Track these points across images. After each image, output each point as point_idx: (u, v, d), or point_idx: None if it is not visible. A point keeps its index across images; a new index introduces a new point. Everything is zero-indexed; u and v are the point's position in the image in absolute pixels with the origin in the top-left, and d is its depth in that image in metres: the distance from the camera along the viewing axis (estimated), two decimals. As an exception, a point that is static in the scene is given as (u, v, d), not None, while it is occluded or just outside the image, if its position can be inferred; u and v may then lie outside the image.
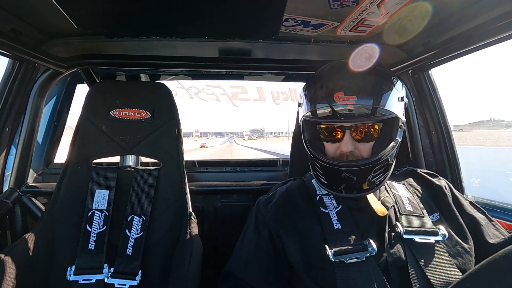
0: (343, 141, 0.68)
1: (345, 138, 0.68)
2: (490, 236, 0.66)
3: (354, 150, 0.68)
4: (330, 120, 0.69)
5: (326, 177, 0.71)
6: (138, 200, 0.94)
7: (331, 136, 0.71)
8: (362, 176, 0.67)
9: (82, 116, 0.99)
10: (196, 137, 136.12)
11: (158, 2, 0.65)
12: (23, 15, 0.81)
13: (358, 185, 0.68)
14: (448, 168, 1.10)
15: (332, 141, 0.71)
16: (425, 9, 0.78)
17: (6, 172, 1.06)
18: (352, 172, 0.66)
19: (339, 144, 0.69)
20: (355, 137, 0.68)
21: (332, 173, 0.69)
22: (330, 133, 0.71)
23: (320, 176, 0.72)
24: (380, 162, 0.66)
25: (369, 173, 0.66)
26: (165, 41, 0.99)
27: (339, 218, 0.68)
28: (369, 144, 0.69)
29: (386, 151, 0.66)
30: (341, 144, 0.68)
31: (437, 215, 0.69)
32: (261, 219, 0.75)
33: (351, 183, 0.67)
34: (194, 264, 0.75)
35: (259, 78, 1.48)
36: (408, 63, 1.03)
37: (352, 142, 0.68)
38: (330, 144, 0.72)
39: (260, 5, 0.68)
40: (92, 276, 0.84)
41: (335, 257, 0.61)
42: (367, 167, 0.66)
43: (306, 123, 0.76)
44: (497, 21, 0.72)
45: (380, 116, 0.66)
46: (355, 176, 0.66)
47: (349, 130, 0.67)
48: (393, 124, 0.69)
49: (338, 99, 0.65)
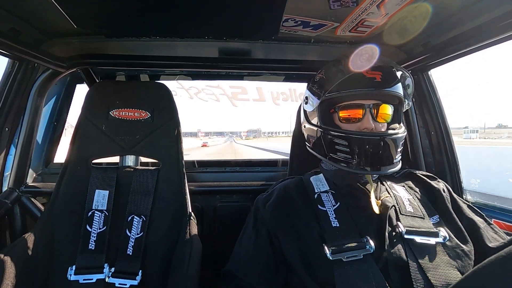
0: (365, 119, 0.71)
1: (366, 116, 0.70)
2: (490, 240, 0.66)
3: (374, 129, 0.70)
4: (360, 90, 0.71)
5: (353, 154, 0.69)
6: (138, 200, 0.94)
7: (349, 116, 0.73)
8: (390, 150, 0.69)
9: (81, 116, 0.99)
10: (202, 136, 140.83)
11: (158, 2, 0.65)
12: (23, 14, 0.81)
13: (384, 161, 0.69)
14: (448, 169, 1.10)
15: (350, 122, 0.73)
16: (425, 10, 0.78)
17: (6, 172, 1.05)
18: (385, 143, 0.68)
19: (359, 124, 0.71)
20: (375, 116, 0.71)
21: (363, 147, 0.69)
22: (349, 114, 0.73)
23: (344, 154, 0.71)
24: (402, 138, 0.71)
25: (396, 147, 0.69)
26: (165, 41, 0.99)
27: (337, 216, 0.68)
28: (384, 125, 0.73)
29: (401, 130, 0.72)
30: (363, 122, 0.71)
31: (436, 218, 0.69)
32: (259, 218, 0.75)
33: (380, 157, 0.68)
34: (193, 264, 0.75)
35: (259, 78, 1.48)
36: (408, 63, 1.03)
37: (373, 120, 0.70)
38: (347, 125, 0.73)
39: (260, 6, 0.69)
40: (93, 276, 0.84)
41: (333, 255, 0.61)
42: (397, 138, 0.69)
43: (323, 106, 0.77)
44: (497, 22, 0.72)
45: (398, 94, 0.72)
46: (383, 150, 0.68)
47: (369, 109, 0.70)
48: (400, 109, 0.77)
49: (366, 73, 0.70)
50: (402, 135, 0.71)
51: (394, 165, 0.70)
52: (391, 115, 0.74)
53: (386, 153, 0.68)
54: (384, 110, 0.72)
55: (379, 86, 0.70)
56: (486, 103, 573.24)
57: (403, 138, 0.72)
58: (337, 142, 0.71)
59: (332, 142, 0.73)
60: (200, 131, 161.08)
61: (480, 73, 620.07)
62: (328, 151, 0.74)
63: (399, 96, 0.73)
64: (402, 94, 0.74)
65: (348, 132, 0.71)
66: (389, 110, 0.73)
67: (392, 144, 0.68)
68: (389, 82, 0.72)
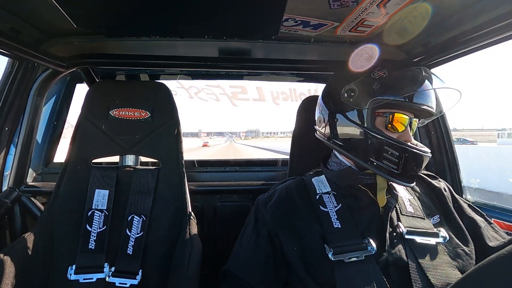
0: (406, 131, 0.71)
1: (408, 128, 0.71)
2: (490, 239, 0.66)
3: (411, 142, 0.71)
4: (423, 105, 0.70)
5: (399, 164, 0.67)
6: (138, 200, 0.94)
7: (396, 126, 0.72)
8: (423, 165, 0.70)
9: (81, 116, 0.99)
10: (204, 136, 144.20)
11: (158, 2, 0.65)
12: (23, 14, 0.81)
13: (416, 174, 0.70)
14: (448, 169, 1.10)
15: (395, 132, 0.72)
16: (425, 10, 0.78)
17: (5, 171, 1.05)
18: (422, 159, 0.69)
19: (400, 134, 0.71)
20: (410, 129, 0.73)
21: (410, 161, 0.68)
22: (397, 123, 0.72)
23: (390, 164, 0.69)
24: None
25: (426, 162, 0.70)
26: (165, 41, 0.99)
27: (338, 217, 0.68)
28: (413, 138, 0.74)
29: None
30: (405, 134, 0.71)
31: (437, 218, 0.69)
32: (260, 218, 0.75)
33: (415, 171, 0.69)
34: (193, 263, 0.75)
35: (258, 78, 1.48)
36: (408, 63, 1.03)
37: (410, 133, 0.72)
38: (391, 133, 0.72)
39: (260, 5, 0.68)
40: (93, 275, 0.84)
41: (334, 256, 0.61)
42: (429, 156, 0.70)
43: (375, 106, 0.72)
44: (497, 22, 0.72)
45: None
46: (420, 164, 0.69)
47: (410, 121, 0.72)
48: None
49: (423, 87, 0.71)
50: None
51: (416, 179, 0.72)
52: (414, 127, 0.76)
53: (420, 167, 0.70)
54: (414, 125, 0.74)
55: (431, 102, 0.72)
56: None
57: None
58: (386, 149, 0.68)
59: (381, 149, 0.68)
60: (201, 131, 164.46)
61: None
62: (372, 156, 0.70)
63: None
64: None
65: (404, 144, 0.68)
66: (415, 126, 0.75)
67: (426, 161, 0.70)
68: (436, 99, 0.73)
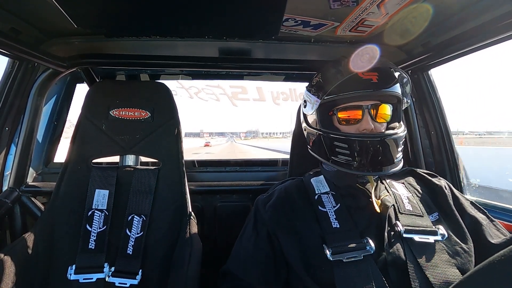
0: (364, 120, 0.71)
1: (365, 116, 0.71)
2: (492, 237, 0.66)
3: (373, 129, 0.70)
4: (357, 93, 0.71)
5: (354, 156, 0.70)
6: (138, 200, 0.94)
7: (348, 118, 0.74)
8: (391, 150, 0.69)
9: (81, 116, 0.99)
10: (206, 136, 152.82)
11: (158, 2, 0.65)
12: (23, 14, 0.81)
13: (385, 161, 0.69)
14: (448, 169, 1.10)
15: (350, 123, 0.73)
16: (425, 10, 0.78)
17: (6, 171, 1.05)
18: (381, 145, 0.68)
19: (358, 125, 0.72)
20: (373, 116, 0.71)
21: (363, 149, 0.69)
22: (348, 115, 0.74)
23: (345, 157, 0.71)
24: (402, 137, 0.71)
25: (396, 147, 0.69)
26: (165, 41, 0.99)
27: (337, 217, 0.68)
28: (383, 125, 0.73)
29: (400, 130, 0.72)
30: (362, 123, 0.71)
31: (436, 215, 0.69)
32: (259, 219, 0.75)
33: (379, 158, 0.69)
34: (193, 263, 0.75)
35: (259, 78, 1.48)
36: (408, 63, 1.03)
37: (372, 121, 0.71)
38: (347, 126, 0.74)
39: (260, 5, 0.68)
40: (93, 275, 0.84)
41: (333, 256, 0.61)
42: (397, 138, 0.69)
43: (322, 109, 0.77)
44: (497, 22, 0.72)
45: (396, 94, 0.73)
46: (384, 150, 0.68)
47: (368, 110, 0.71)
48: (399, 108, 0.77)
49: (362, 75, 0.71)
50: (402, 134, 0.71)
51: (395, 165, 0.70)
52: (390, 114, 0.74)
53: (387, 153, 0.69)
54: (383, 110, 0.73)
55: (376, 87, 0.71)
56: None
57: (404, 137, 0.72)
58: (338, 145, 0.72)
59: (332, 145, 0.73)
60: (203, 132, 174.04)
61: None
62: (329, 154, 0.75)
63: (397, 95, 0.73)
64: (399, 93, 0.74)
65: (348, 134, 0.71)
66: (387, 110, 0.73)
67: (392, 144, 0.69)
68: (386, 82, 0.72)
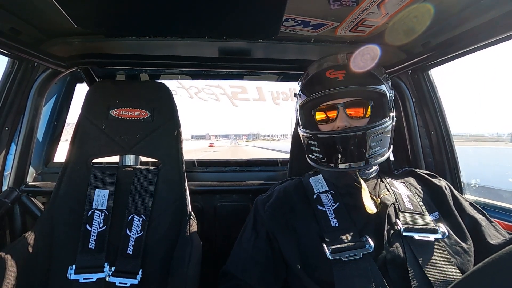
0: (338, 118, 0.72)
1: (339, 115, 0.72)
2: (491, 237, 0.66)
3: (348, 126, 0.71)
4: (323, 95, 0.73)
5: (323, 152, 0.73)
6: (138, 199, 0.94)
7: (326, 116, 0.76)
8: (358, 146, 0.69)
9: (81, 116, 0.99)
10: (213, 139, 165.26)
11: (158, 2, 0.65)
12: (23, 14, 0.81)
13: (354, 156, 0.69)
14: (448, 169, 1.10)
15: (327, 122, 0.75)
16: (425, 10, 0.78)
17: (6, 171, 1.05)
18: (347, 139, 0.69)
19: (333, 123, 0.73)
20: (349, 114, 0.72)
21: (328, 145, 0.71)
22: (325, 114, 0.76)
23: (317, 154, 0.75)
24: (373, 131, 0.69)
25: (364, 142, 0.68)
26: (165, 41, 0.99)
27: (336, 216, 0.68)
28: (362, 121, 0.73)
29: (378, 123, 0.70)
30: (336, 121, 0.72)
31: (436, 215, 0.69)
32: (258, 219, 0.76)
33: (348, 153, 0.69)
34: (193, 263, 0.75)
35: (258, 78, 1.48)
36: (408, 63, 1.03)
37: (346, 118, 0.71)
38: (325, 125, 0.76)
39: (260, 5, 0.68)
40: (93, 275, 0.84)
41: (332, 254, 0.61)
42: (361, 134, 0.68)
43: (303, 110, 0.81)
44: (497, 22, 0.72)
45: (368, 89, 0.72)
46: (351, 145, 0.69)
47: (342, 107, 0.72)
48: (382, 103, 0.75)
49: (329, 74, 0.73)
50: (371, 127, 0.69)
51: (366, 164, 0.70)
52: (366, 111, 0.73)
53: (355, 148, 0.69)
54: (356, 106, 0.73)
55: (341, 85, 0.71)
56: None
57: (381, 131, 0.70)
58: (311, 143, 0.76)
59: (308, 143, 0.78)
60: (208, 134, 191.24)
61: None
62: (308, 152, 0.80)
63: (370, 90, 0.72)
64: (376, 88, 0.72)
65: (313, 133, 0.75)
66: (363, 105, 0.73)
67: (361, 138, 0.68)
68: (354, 79, 0.72)
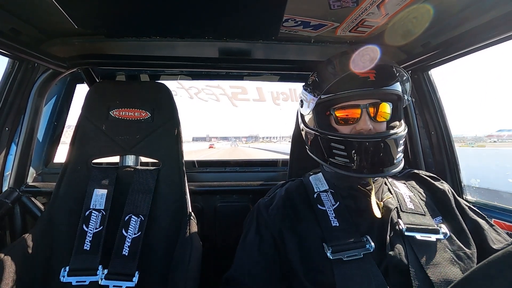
0: (361, 120, 0.68)
1: (363, 116, 0.68)
2: (493, 242, 0.65)
3: (372, 130, 0.68)
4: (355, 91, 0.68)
5: (352, 158, 0.67)
6: (137, 200, 0.93)
7: (346, 117, 0.71)
8: (390, 151, 0.66)
9: (81, 116, 0.99)
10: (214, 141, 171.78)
11: (158, 2, 0.65)
12: (23, 14, 0.81)
13: (385, 162, 0.66)
14: (448, 169, 1.10)
15: (348, 123, 0.71)
16: (425, 10, 0.78)
17: (6, 171, 1.05)
18: (380, 145, 0.65)
19: (355, 125, 0.69)
20: (372, 116, 0.69)
21: (359, 151, 0.66)
22: (346, 114, 0.71)
23: (343, 158, 0.69)
24: (403, 136, 0.68)
25: (397, 147, 0.67)
26: (165, 41, 0.99)
27: (336, 216, 0.67)
28: (383, 124, 0.71)
29: (401, 129, 0.69)
30: (360, 123, 0.68)
31: (439, 219, 0.68)
32: (262, 222, 0.74)
33: (378, 160, 0.66)
34: (193, 264, 0.74)
35: (259, 78, 1.48)
36: (408, 63, 1.03)
37: (370, 121, 0.68)
38: (345, 126, 0.71)
39: (261, 6, 0.68)
40: (86, 278, 0.82)
41: (333, 254, 0.60)
42: (397, 137, 0.66)
43: (318, 109, 0.75)
44: (497, 22, 0.72)
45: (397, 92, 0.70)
46: (383, 151, 0.65)
47: (365, 109, 0.68)
48: (400, 107, 0.74)
49: (359, 73, 0.68)
50: (402, 133, 0.68)
51: (396, 166, 0.68)
52: (390, 113, 0.71)
53: (387, 154, 0.66)
54: (382, 109, 0.70)
55: (373, 85, 0.68)
56: None
57: (404, 137, 0.69)
58: (335, 146, 0.69)
59: (330, 146, 0.70)
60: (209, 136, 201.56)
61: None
62: (327, 155, 0.72)
63: (396, 93, 0.71)
64: (399, 91, 0.71)
65: (346, 135, 0.69)
66: (387, 108, 0.71)
67: (392, 144, 0.66)
68: (384, 80, 0.69)
